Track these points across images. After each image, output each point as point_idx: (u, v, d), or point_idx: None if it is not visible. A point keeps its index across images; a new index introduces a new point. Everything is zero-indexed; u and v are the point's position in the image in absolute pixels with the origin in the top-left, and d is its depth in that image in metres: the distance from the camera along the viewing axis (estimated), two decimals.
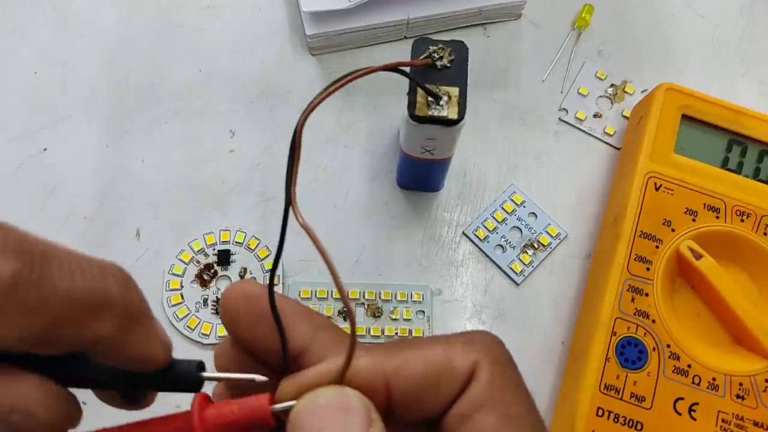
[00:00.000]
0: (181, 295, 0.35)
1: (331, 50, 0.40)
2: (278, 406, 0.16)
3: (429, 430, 0.17)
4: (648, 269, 0.31)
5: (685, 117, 0.34)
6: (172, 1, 0.42)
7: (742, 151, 0.34)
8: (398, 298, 0.35)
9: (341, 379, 0.16)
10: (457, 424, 0.16)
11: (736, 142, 0.34)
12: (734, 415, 0.29)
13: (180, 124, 0.39)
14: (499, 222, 0.37)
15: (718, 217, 0.32)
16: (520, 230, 0.37)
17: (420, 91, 0.27)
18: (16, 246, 0.13)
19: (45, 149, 0.38)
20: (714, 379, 0.30)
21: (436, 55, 0.27)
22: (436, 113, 0.27)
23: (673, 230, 0.32)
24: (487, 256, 0.36)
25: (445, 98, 0.27)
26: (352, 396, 0.16)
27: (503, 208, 0.37)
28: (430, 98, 0.27)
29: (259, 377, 0.17)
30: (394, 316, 0.35)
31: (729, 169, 0.34)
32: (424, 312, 0.35)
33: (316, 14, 0.38)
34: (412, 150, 0.31)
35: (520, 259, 0.36)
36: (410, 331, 0.34)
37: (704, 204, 0.33)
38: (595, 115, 0.39)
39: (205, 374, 0.17)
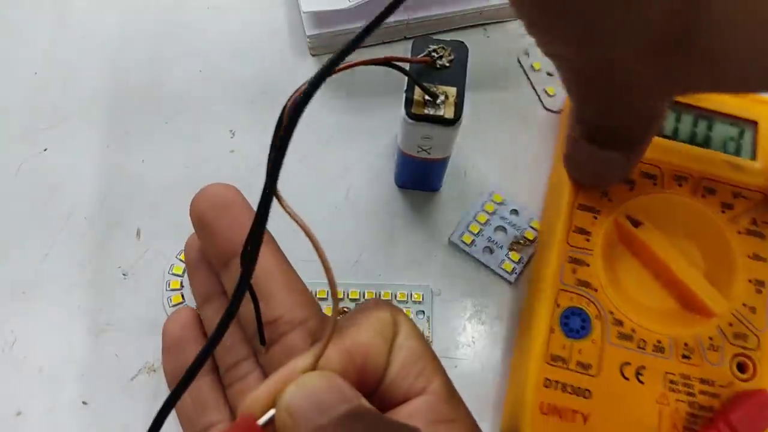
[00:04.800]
0: (182, 295, 0.35)
1: (331, 51, 0.40)
2: (264, 418, 0.16)
3: None
4: (588, 240, 0.32)
5: None
6: (172, 1, 0.42)
7: (677, 116, 0.35)
8: (398, 298, 0.35)
9: (314, 366, 0.17)
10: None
11: (670, 109, 0.35)
12: (681, 375, 0.29)
13: (180, 124, 0.39)
14: (482, 224, 0.36)
15: (655, 184, 0.33)
16: (505, 229, 0.37)
17: (418, 89, 0.27)
18: None
19: (45, 150, 0.38)
20: (659, 342, 0.30)
21: (435, 54, 0.27)
22: (432, 112, 0.27)
23: (610, 200, 0.32)
24: (477, 260, 0.36)
25: (443, 98, 0.27)
26: (334, 376, 0.17)
27: (485, 210, 0.37)
28: (427, 97, 0.27)
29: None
30: None
31: (664, 136, 0.34)
32: (424, 312, 0.35)
33: (316, 14, 0.38)
34: (409, 149, 0.31)
35: (509, 258, 0.36)
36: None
37: (641, 172, 0.33)
38: None
39: None
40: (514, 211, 0.37)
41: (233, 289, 0.21)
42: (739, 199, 0.32)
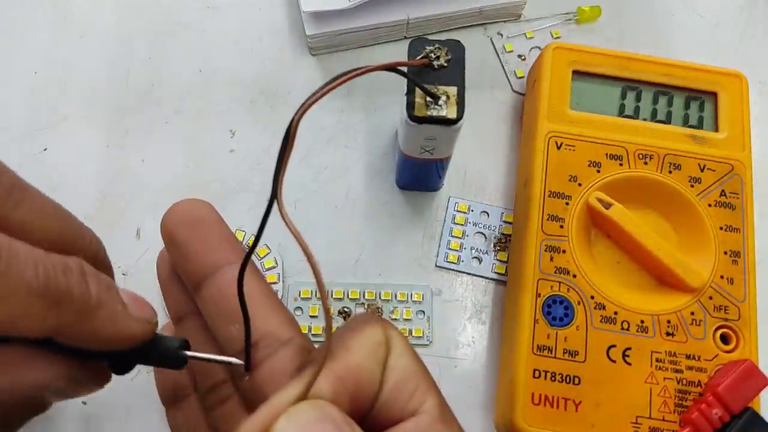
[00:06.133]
0: None
1: (331, 50, 0.40)
2: None
3: None
4: (561, 227, 0.32)
5: (576, 72, 0.35)
6: (172, 1, 0.42)
7: (637, 95, 0.35)
8: (398, 298, 0.35)
9: (305, 396, 0.16)
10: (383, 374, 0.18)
11: (629, 88, 0.35)
12: (667, 353, 0.30)
13: (180, 124, 0.39)
14: (460, 238, 0.36)
15: (621, 164, 0.33)
16: (483, 234, 0.36)
17: (418, 91, 0.27)
18: None
19: (45, 149, 0.38)
20: (642, 322, 0.30)
21: (433, 55, 0.27)
22: (435, 113, 0.27)
23: (579, 185, 0.32)
24: (469, 274, 0.36)
25: (444, 98, 0.27)
26: (326, 405, 0.16)
27: (456, 223, 0.37)
28: (428, 98, 0.27)
29: (235, 361, 0.19)
30: (394, 316, 0.35)
31: (626, 116, 0.35)
32: (424, 312, 0.35)
33: (316, 14, 0.38)
34: (411, 150, 0.31)
35: (498, 260, 0.36)
36: (410, 331, 0.34)
37: (606, 154, 0.33)
38: None
39: (188, 353, 0.19)
40: (485, 213, 0.37)
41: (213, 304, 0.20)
42: (706, 172, 0.33)
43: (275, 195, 0.16)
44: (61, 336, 0.16)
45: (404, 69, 0.26)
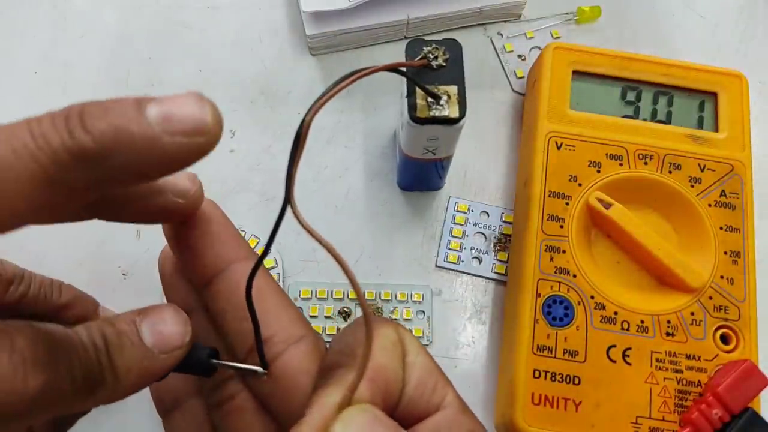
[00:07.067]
0: None
1: (331, 50, 0.40)
2: None
3: None
4: (561, 227, 0.32)
5: (576, 72, 0.35)
6: (172, 1, 0.42)
7: (637, 95, 0.35)
8: (398, 298, 0.35)
9: (350, 401, 0.16)
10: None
11: (629, 89, 0.35)
12: (667, 353, 0.30)
13: None
14: (460, 238, 0.36)
15: (621, 165, 0.33)
16: (483, 234, 0.36)
17: (419, 92, 0.27)
18: None
19: None
20: (642, 322, 0.30)
21: (431, 55, 0.27)
22: (437, 113, 0.27)
23: (579, 185, 0.33)
24: (469, 274, 0.36)
25: (445, 97, 0.27)
26: (372, 408, 0.17)
27: (456, 223, 0.37)
28: (429, 99, 0.27)
29: (260, 370, 0.19)
30: (394, 316, 0.35)
31: (626, 116, 0.35)
32: (424, 312, 0.35)
33: (316, 14, 0.38)
34: (413, 152, 0.31)
35: (498, 260, 0.36)
36: (410, 331, 0.34)
37: (606, 154, 0.33)
38: None
39: (216, 361, 0.19)
40: (485, 213, 0.37)
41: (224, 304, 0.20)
42: (706, 172, 0.33)
43: (288, 199, 0.16)
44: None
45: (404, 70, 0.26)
